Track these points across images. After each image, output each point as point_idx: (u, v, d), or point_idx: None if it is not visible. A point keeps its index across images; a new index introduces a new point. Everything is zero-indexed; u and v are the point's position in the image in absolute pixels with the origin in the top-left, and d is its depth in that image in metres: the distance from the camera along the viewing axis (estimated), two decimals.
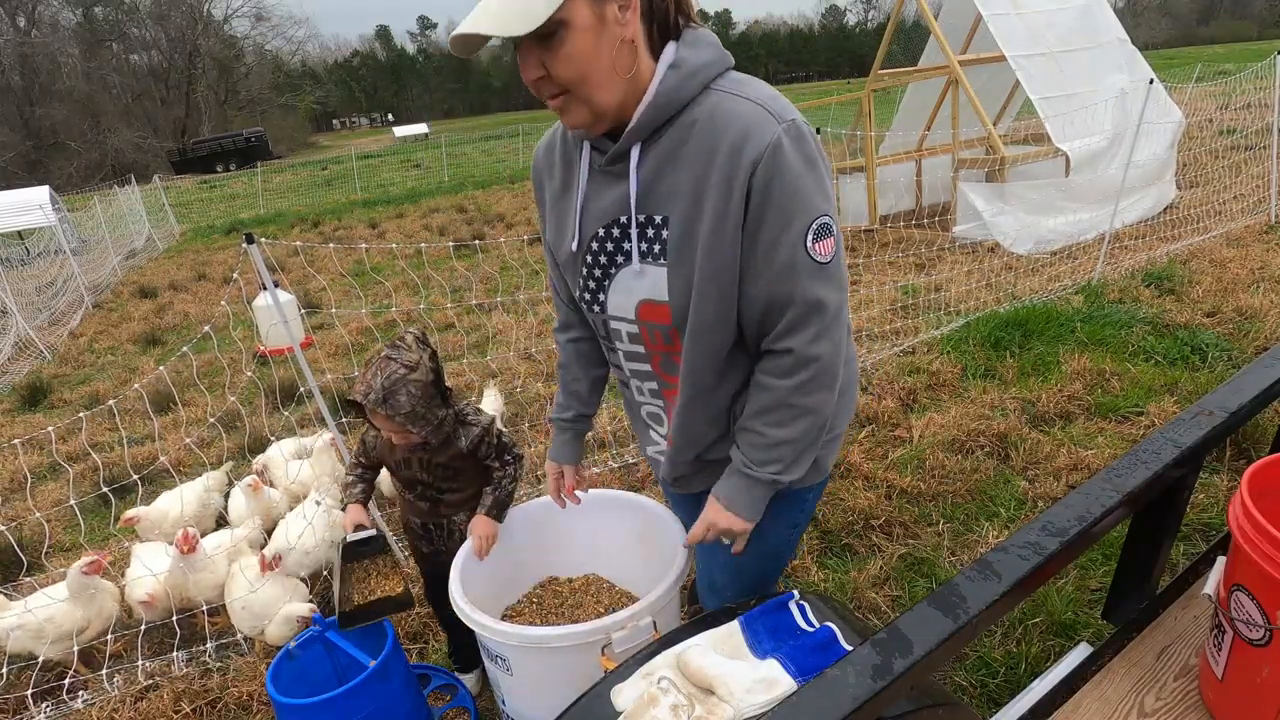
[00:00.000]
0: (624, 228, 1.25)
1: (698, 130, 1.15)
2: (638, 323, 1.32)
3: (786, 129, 1.12)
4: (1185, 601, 1.55)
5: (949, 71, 7.21)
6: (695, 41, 1.18)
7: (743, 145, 1.11)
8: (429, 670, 2.42)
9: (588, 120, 1.16)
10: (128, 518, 3.06)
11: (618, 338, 1.39)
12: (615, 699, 1.02)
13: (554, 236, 1.40)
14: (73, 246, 11.46)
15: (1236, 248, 5.78)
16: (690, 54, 1.16)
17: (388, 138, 51.13)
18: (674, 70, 1.15)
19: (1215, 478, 2.89)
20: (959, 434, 3.41)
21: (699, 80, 1.16)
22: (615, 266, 1.29)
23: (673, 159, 1.18)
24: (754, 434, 1.28)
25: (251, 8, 65.12)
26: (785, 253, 1.16)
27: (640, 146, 1.20)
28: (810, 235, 1.15)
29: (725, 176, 1.13)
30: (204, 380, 5.43)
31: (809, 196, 1.14)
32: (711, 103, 1.16)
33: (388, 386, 1.78)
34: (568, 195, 1.34)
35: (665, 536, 1.92)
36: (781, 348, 1.22)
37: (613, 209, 1.25)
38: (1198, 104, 11.27)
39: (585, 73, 1.10)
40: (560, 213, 1.36)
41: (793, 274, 1.16)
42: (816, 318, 1.19)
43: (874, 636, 1.02)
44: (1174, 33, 70.98)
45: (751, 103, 1.14)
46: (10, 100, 42.35)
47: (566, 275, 1.41)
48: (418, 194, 16.74)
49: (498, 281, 7.12)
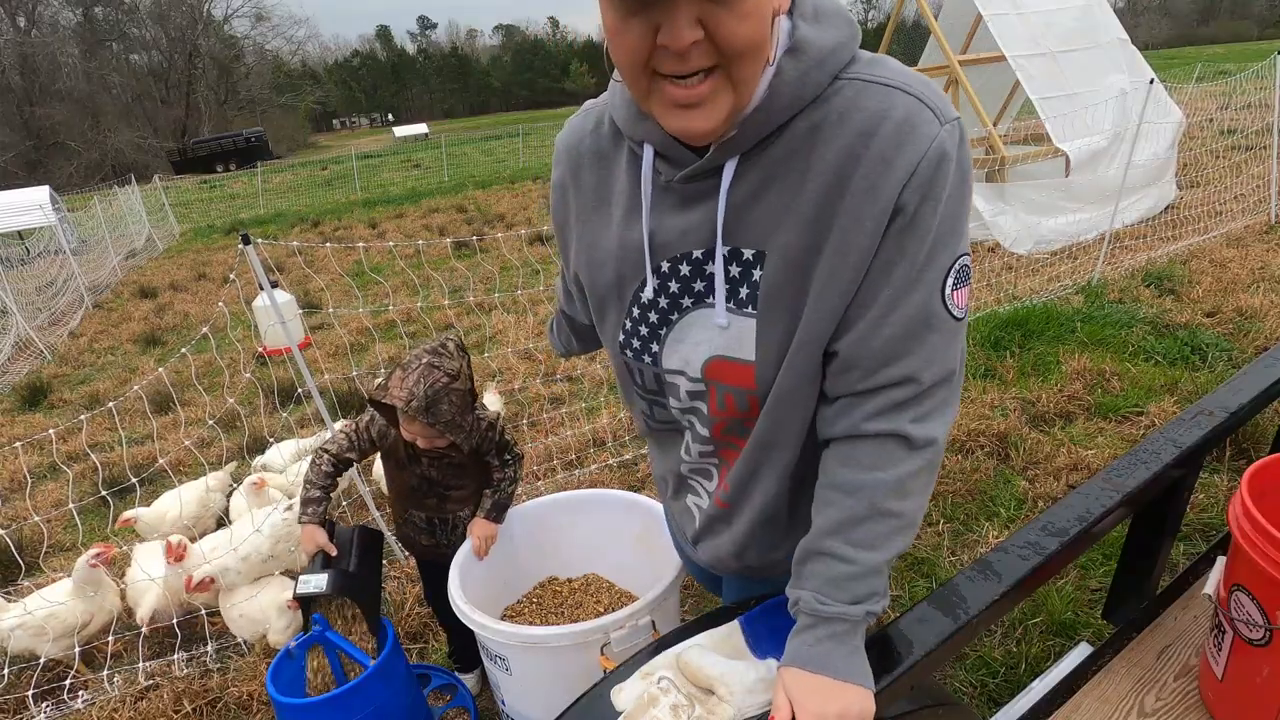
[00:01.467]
0: (697, 263, 0.93)
1: (824, 136, 0.83)
2: (704, 382, 0.99)
3: (951, 130, 0.82)
4: (1185, 601, 1.55)
5: (949, 71, 7.21)
6: (820, 13, 0.85)
7: (895, 152, 0.80)
8: (429, 670, 2.42)
9: (725, 118, 0.81)
10: (125, 518, 3.06)
11: (672, 393, 1.04)
12: (615, 699, 1.02)
13: (583, 260, 1.06)
14: (73, 246, 11.47)
15: (1236, 248, 5.78)
16: (815, 33, 0.83)
17: (388, 138, 51.15)
18: (792, 58, 0.82)
19: (1215, 478, 2.89)
20: (959, 434, 3.41)
21: (828, 70, 0.83)
22: (679, 311, 0.97)
23: (780, 175, 0.86)
24: (832, 559, 0.91)
25: (251, 8, 65.39)
26: (919, 299, 0.85)
27: (738, 160, 0.87)
28: (951, 279, 0.86)
29: (865, 196, 0.82)
30: (204, 381, 5.44)
31: (960, 229, 0.86)
32: (845, 97, 0.83)
33: (430, 395, 1.76)
34: (607, 213, 1.01)
35: (665, 536, 1.92)
36: (881, 430, 0.89)
37: (681, 240, 0.93)
38: (1198, 104, 11.28)
39: (760, 37, 0.77)
40: (594, 233, 1.03)
41: (923, 328, 0.86)
42: (940, 390, 0.90)
43: (874, 636, 1.02)
44: (1174, 33, 70.99)
45: (902, 92, 0.82)
46: (10, 100, 42.36)
47: (601, 311, 1.07)
48: (418, 194, 16.74)
49: (496, 281, 7.12)
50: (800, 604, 0.93)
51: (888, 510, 0.90)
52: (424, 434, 1.84)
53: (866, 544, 0.90)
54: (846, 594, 0.90)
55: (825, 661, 0.89)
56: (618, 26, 0.77)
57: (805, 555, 0.95)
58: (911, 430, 0.89)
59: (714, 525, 1.14)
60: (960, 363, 0.92)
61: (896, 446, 0.89)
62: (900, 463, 0.89)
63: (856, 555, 0.90)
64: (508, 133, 34.65)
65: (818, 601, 0.91)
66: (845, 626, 0.90)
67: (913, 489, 0.91)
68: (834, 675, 0.89)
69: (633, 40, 0.76)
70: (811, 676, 0.89)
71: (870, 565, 0.90)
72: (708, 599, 2.61)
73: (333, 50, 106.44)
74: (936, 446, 0.91)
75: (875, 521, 0.90)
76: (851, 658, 0.90)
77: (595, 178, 1.02)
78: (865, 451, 0.91)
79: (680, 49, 0.74)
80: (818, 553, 0.93)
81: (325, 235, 12.55)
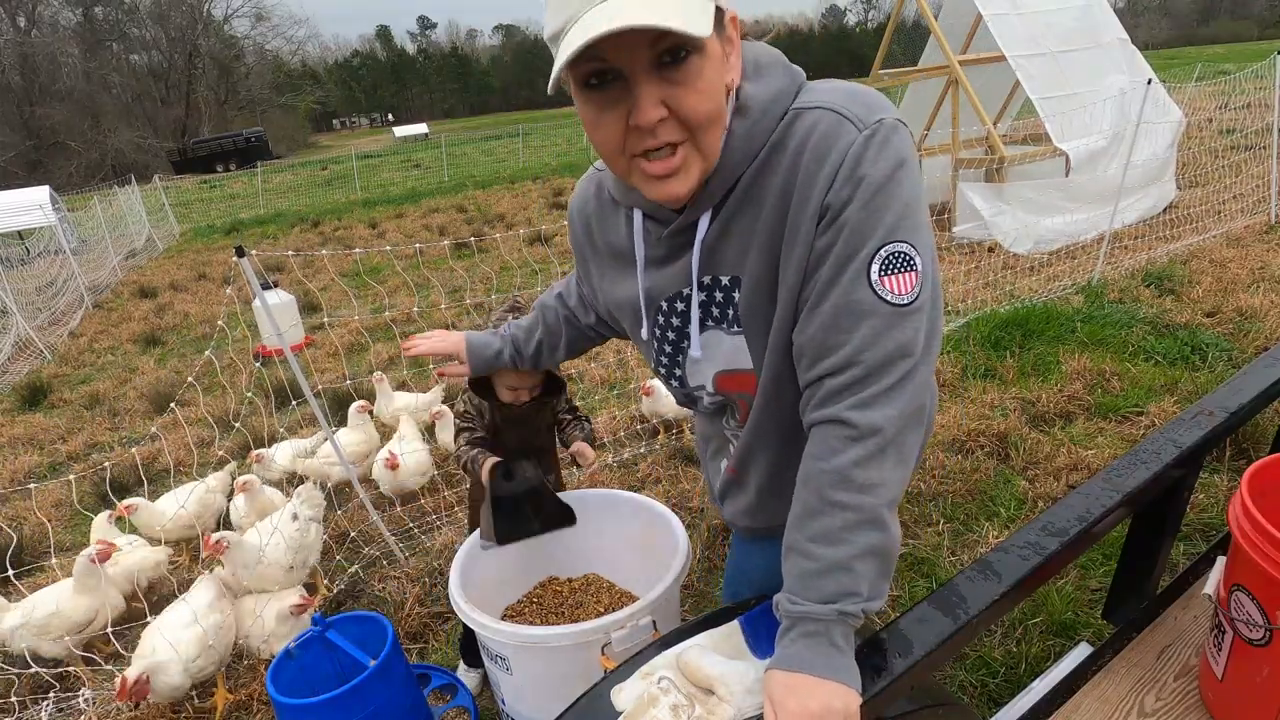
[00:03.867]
0: (688, 298, 1.07)
1: (770, 167, 0.94)
2: (719, 394, 1.15)
3: (872, 132, 0.89)
4: (1185, 601, 1.55)
5: (949, 71, 7.21)
6: (759, 69, 0.95)
7: (818, 164, 0.90)
8: (429, 670, 2.42)
9: (699, 180, 0.94)
10: (125, 505, 3.08)
11: (700, 404, 1.22)
12: (615, 699, 1.02)
13: (611, 304, 1.24)
14: (73, 246, 11.46)
15: (1236, 248, 5.78)
16: (756, 89, 0.94)
17: (388, 138, 51.15)
18: (740, 116, 0.94)
19: (1215, 478, 2.89)
20: (959, 434, 3.41)
21: (770, 121, 0.94)
22: (686, 339, 1.12)
23: (740, 210, 0.98)
24: (798, 555, 0.93)
25: (251, 8, 65.25)
26: (843, 287, 0.91)
27: (710, 213, 1.00)
28: (877, 266, 0.90)
29: (800, 207, 0.92)
30: (204, 381, 5.44)
31: (886, 219, 0.89)
32: (781, 131, 0.94)
33: None
34: (620, 267, 1.17)
35: (665, 536, 1.92)
36: (822, 418, 0.93)
37: (675, 282, 1.08)
38: (1198, 104, 11.27)
39: (715, 112, 0.88)
40: (611, 284, 1.20)
41: (850, 316, 0.91)
42: (884, 377, 0.90)
43: (874, 636, 1.02)
44: (1174, 33, 71.00)
45: (824, 109, 0.91)
46: (10, 100, 42.35)
47: (637, 342, 1.23)
48: (418, 194, 16.74)
49: (495, 282, 7.12)
50: (779, 605, 0.95)
51: (837, 502, 0.90)
52: (528, 383, 1.90)
53: (823, 538, 0.91)
54: (814, 592, 0.90)
55: (802, 661, 0.89)
56: (595, 119, 0.90)
57: (784, 551, 0.96)
58: (850, 416, 0.90)
59: (730, 489, 1.29)
60: (923, 349, 0.93)
61: (836, 434, 0.91)
62: (840, 452, 0.90)
63: (816, 550, 0.91)
64: (508, 133, 34.67)
65: (789, 601, 0.92)
66: (817, 626, 0.90)
67: (861, 480, 0.89)
68: (813, 673, 0.88)
69: (608, 129, 0.89)
70: (790, 676, 0.89)
71: (832, 561, 0.90)
72: (708, 599, 2.61)
73: (333, 50, 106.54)
74: (883, 435, 0.89)
75: (827, 515, 0.91)
76: (832, 656, 0.89)
77: (603, 236, 1.18)
78: (813, 441, 0.95)
79: (649, 126, 0.86)
80: (787, 548, 0.95)
81: (325, 235, 12.56)
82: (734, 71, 0.92)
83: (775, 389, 1.06)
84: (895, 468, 0.91)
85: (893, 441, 0.90)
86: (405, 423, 3.66)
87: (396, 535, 3.19)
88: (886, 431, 0.90)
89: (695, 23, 0.80)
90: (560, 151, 23.95)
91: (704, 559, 2.80)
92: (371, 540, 3.23)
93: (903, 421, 0.91)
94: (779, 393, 1.06)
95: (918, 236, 0.91)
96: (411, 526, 3.32)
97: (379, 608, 2.75)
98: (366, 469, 3.57)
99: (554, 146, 26.23)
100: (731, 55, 0.91)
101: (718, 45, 0.88)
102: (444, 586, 2.82)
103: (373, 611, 2.23)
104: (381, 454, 3.40)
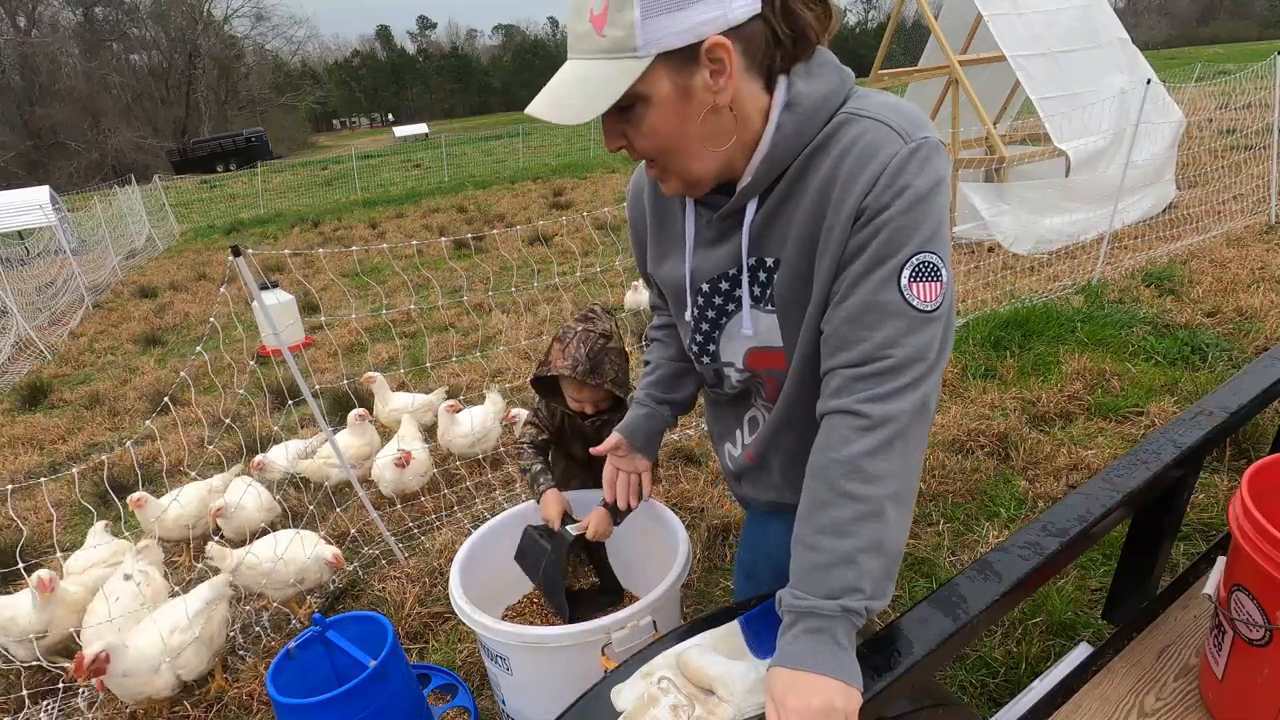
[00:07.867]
0: (733, 279, 1.15)
1: (814, 165, 1.01)
2: (746, 370, 1.22)
3: (916, 147, 0.94)
4: (1185, 601, 1.55)
5: (949, 71, 7.20)
6: (811, 70, 1.01)
7: (860, 169, 0.95)
8: (429, 670, 2.42)
9: (682, 190, 1.08)
10: (135, 499, 3.10)
11: (726, 382, 1.27)
12: (615, 699, 1.02)
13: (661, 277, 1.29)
14: (73, 246, 11.45)
15: (1236, 248, 5.78)
16: (807, 87, 1.00)
17: (388, 138, 51.14)
18: (789, 112, 1.00)
19: (1215, 478, 2.89)
20: (959, 434, 3.41)
21: (820, 118, 1.00)
22: (726, 316, 1.19)
23: (788, 197, 1.05)
24: (804, 547, 0.96)
25: (251, 8, 65.20)
26: (873, 285, 0.96)
27: (757, 200, 1.07)
28: (908, 272, 0.95)
29: (838, 207, 0.98)
30: (204, 381, 5.44)
31: (920, 230, 0.95)
32: (829, 133, 1.00)
33: (593, 357, 1.85)
34: (668, 242, 1.25)
35: (665, 536, 1.92)
36: (836, 407, 0.98)
37: (723, 263, 1.15)
38: (1198, 104, 11.26)
39: (670, 145, 1.00)
40: (663, 259, 1.27)
41: (878, 313, 0.96)
42: (903, 375, 0.95)
43: (874, 636, 1.02)
44: (1174, 33, 70.98)
45: (874, 120, 0.97)
46: (10, 100, 42.37)
47: (677, 323, 1.30)
48: (418, 194, 16.73)
49: (493, 282, 7.12)
50: (782, 601, 0.96)
51: (847, 492, 0.93)
52: (591, 398, 1.90)
53: (830, 529, 0.93)
54: (819, 587, 0.91)
55: (805, 658, 0.89)
56: None
57: (792, 545, 0.98)
58: (864, 408, 0.94)
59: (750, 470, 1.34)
60: (936, 355, 0.98)
61: (849, 424, 0.95)
62: (851, 442, 0.94)
63: (822, 542, 0.93)
64: (508, 133, 34.62)
65: (793, 596, 0.94)
66: (821, 622, 0.90)
67: (871, 471, 0.93)
68: (814, 670, 0.88)
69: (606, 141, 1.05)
70: (791, 673, 0.89)
71: (838, 554, 0.91)
72: (708, 599, 2.61)
73: (333, 50, 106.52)
74: (894, 425, 0.93)
75: (836, 505, 0.93)
76: (835, 653, 0.89)
77: (657, 217, 1.26)
78: (824, 432, 0.99)
79: (611, 150, 1.04)
80: (794, 541, 0.97)
81: (325, 235, 12.55)
82: (724, 94, 0.96)
83: (809, 366, 1.10)
84: (903, 460, 0.95)
85: (901, 434, 0.94)
86: (406, 423, 3.66)
87: (396, 535, 3.19)
88: (898, 422, 0.94)
89: (587, 111, 0.93)
90: (560, 152, 23.94)
91: (704, 559, 2.80)
92: (371, 540, 3.24)
93: (912, 416, 0.95)
94: (811, 370, 1.10)
95: (945, 251, 0.97)
96: (411, 526, 3.32)
97: (379, 608, 2.75)
98: (366, 470, 3.57)
99: (554, 146, 26.22)
100: (720, 78, 0.95)
101: (671, 90, 0.94)
102: (444, 586, 2.82)
103: (373, 611, 2.22)
104: (389, 452, 3.40)
